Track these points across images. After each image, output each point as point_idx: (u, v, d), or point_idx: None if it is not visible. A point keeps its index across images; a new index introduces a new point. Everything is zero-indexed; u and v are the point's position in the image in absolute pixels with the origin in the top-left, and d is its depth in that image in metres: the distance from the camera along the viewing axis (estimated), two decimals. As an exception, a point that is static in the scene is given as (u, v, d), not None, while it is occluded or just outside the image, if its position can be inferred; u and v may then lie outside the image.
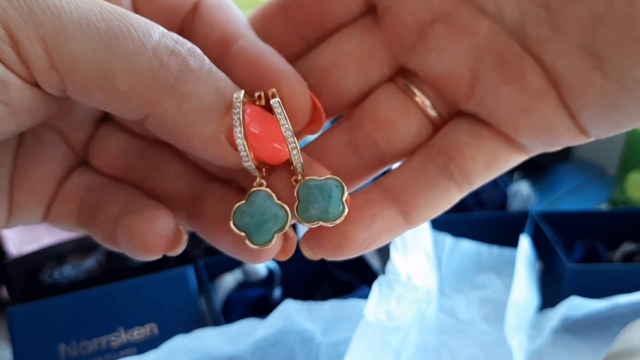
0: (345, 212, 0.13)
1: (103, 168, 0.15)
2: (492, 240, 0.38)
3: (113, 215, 0.13)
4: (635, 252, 0.38)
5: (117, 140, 0.15)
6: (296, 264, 0.36)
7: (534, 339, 0.33)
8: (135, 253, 0.13)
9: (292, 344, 0.29)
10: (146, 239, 0.13)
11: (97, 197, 0.14)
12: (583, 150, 0.57)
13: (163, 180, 0.15)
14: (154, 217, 0.13)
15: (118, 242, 0.13)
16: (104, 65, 0.11)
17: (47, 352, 0.30)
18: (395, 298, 0.28)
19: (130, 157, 0.15)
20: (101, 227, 0.14)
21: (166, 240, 0.13)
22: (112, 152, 0.15)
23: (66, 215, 0.14)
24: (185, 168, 0.15)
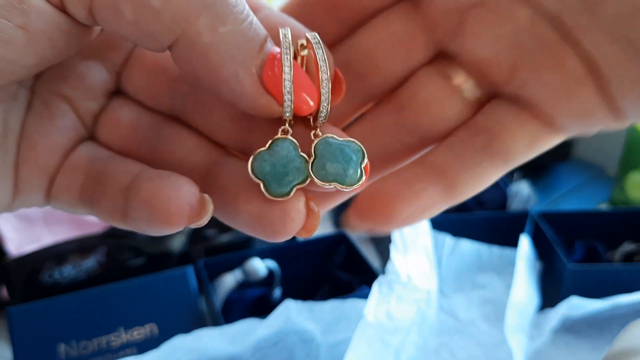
0: (363, 180, 0.12)
1: (112, 141, 0.14)
2: (492, 240, 0.38)
3: (123, 185, 0.12)
4: (635, 252, 0.38)
5: (129, 112, 0.14)
6: (296, 264, 0.36)
7: (534, 339, 0.33)
8: (153, 225, 0.12)
9: (292, 344, 0.29)
10: (169, 207, 0.11)
11: (104, 168, 0.13)
12: (583, 151, 0.57)
13: (176, 152, 0.14)
14: (178, 182, 0.12)
15: (131, 214, 0.12)
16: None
17: (47, 352, 0.30)
18: (395, 298, 0.28)
19: (142, 130, 0.14)
20: (109, 199, 0.13)
21: (191, 208, 0.12)
22: (123, 123, 0.14)
23: (68, 189, 0.13)
24: (200, 141, 0.14)
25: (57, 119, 0.13)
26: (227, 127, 0.13)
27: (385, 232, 0.13)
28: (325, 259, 0.37)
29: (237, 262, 0.34)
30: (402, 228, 0.14)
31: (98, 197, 0.13)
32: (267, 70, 0.11)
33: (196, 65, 0.11)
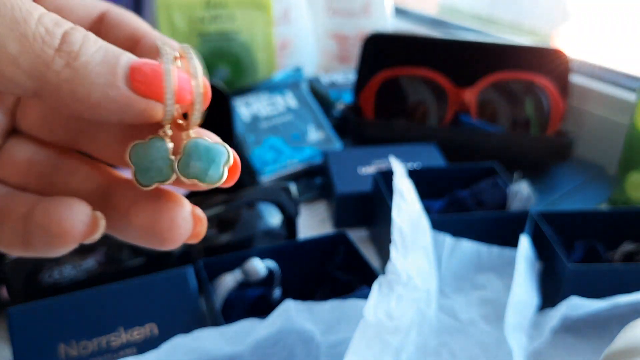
0: (223, 179, 0.13)
1: (10, 178, 0.15)
2: (491, 240, 0.38)
3: (21, 215, 0.13)
4: (635, 252, 0.38)
5: (25, 149, 0.15)
6: (296, 264, 0.36)
7: (533, 339, 0.33)
8: (50, 246, 0.13)
9: (292, 344, 0.29)
10: (63, 226, 0.13)
11: (2, 203, 0.14)
12: (583, 151, 0.57)
13: (71, 182, 0.15)
14: (69, 202, 0.13)
15: (29, 239, 0.13)
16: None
17: (46, 352, 0.30)
18: (395, 298, 0.28)
19: (39, 165, 0.15)
20: (8, 229, 0.14)
21: (83, 225, 0.13)
22: (20, 161, 0.15)
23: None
24: (93, 169, 0.15)
25: None
26: (114, 148, 0.15)
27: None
28: (325, 259, 0.37)
29: (236, 262, 0.34)
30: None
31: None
32: (135, 78, 0.12)
33: (67, 101, 0.12)
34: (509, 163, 0.48)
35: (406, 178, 0.34)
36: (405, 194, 0.32)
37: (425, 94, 0.57)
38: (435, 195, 0.43)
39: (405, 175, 0.34)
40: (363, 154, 0.48)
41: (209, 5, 0.57)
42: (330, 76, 0.66)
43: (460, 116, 0.55)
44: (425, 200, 0.40)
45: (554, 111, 0.54)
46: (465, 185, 0.44)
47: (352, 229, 0.44)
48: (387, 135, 0.53)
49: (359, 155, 0.48)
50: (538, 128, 0.55)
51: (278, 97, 0.55)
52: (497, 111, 0.56)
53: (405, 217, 0.31)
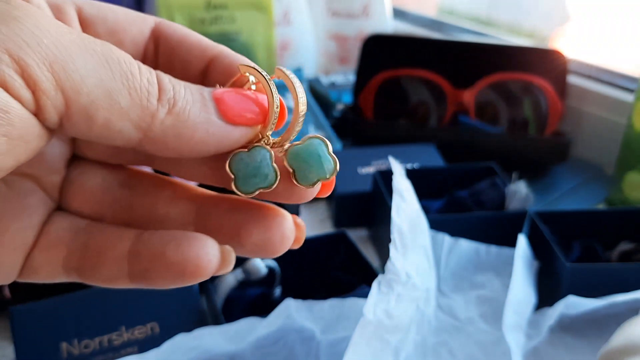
0: (337, 165, 0.14)
1: (83, 208, 0.15)
2: (490, 240, 0.38)
3: (124, 252, 0.13)
4: (632, 252, 0.38)
5: (93, 176, 0.15)
6: (296, 263, 0.36)
7: (531, 338, 0.33)
8: (179, 280, 0.13)
9: (292, 343, 0.29)
10: (200, 265, 0.13)
11: (90, 238, 0.14)
12: (581, 151, 0.58)
13: (159, 203, 0.15)
14: (202, 241, 0.13)
15: (147, 272, 0.13)
16: (106, 83, 0.11)
17: (49, 350, 0.30)
18: (395, 297, 0.28)
19: (112, 191, 0.15)
20: (110, 267, 0.13)
21: (217, 261, 0.13)
22: (92, 188, 0.15)
23: (49, 264, 0.14)
24: (177, 188, 0.15)
25: (26, 198, 0.14)
26: (202, 169, 0.14)
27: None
28: (325, 258, 0.37)
29: (237, 261, 0.34)
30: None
31: (92, 266, 0.14)
32: (224, 109, 0.13)
33: (172, 146, 0.12)
34: (508, 163, 0.48)
35: (405, 178, 0.34)
36: (404, 194, 0.32)
37: (424, 95, 0.57)
38: (434, 195, 0.43)
39: (404, 175, 0.34)
40: (363, 154, 0.49)
41: (210, 6, 0.58)
42: (330, 77, 0.67)
43: (459, 117, 0.55)
44: (424, 200, 0.40)
45: (552, 112, 0.54)
46: (464, 185, 0.44)
47: (352, 229, 0.44)
48: (387, 135, 0.54)
49: (358, 155, 0.49)
50: (536, 128, 0.55)
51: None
52: (496, 112, 0.56)
53: (405, 216, 0.31)
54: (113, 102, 0.12)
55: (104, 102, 0.11)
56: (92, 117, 0.12)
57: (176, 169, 0.15)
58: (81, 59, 0.11)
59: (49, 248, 0.14)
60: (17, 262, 0.14)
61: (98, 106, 0.11)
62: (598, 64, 0.58)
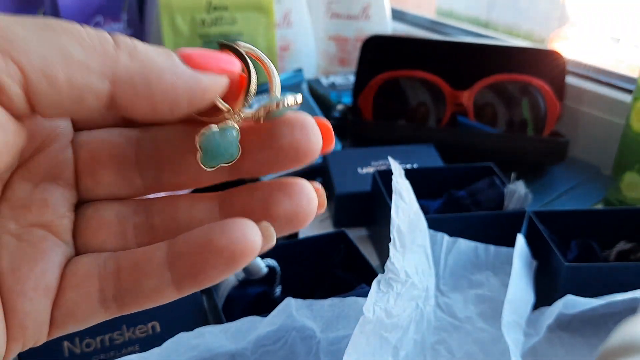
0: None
1: (107, 243, 0.14)
2: (488, 239, 0.39)
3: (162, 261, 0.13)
4: (630, 251, 0.39)
5: (107, 210, 0.15)
6: (296, 262, 0.36)
7: (530, 337, 0.33)
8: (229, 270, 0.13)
9: (293, 341, 0.30)
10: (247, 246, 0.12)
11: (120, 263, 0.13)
12: (579, 151, 0.58)
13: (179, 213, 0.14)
14: (241, 222, 0.13)
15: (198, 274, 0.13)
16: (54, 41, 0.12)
17: (51, 349, 0.30)
18: (394, 296, 0.28)
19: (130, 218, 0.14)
20: (152, 279, 0.13)
21: (260, 238, 0.13)
22: (110, 221, 0.14)
23: (84, 299, 0.13)
24: (191, 197, 0.15)
25: (39, 244, 0.13)
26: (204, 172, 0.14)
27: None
28: (325, 257, 0.37)
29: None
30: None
31: (131, 286, 0.13)
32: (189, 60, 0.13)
33: (142, 92, 0.12)
34: (506, 163, 0.48)
35: (404, 178, 0.34)
36: (403, 193, 0.32)
37: (423, 96, 0.58)
38: (433, 195, 0.44)
39: (403, 175, 0.34)
40: (362, 155, 0.49)
41: (211, 8, 0.58)
42: (330, 78, 0.67)
43: (458, 117, 0.55)
44: (423, 200, 0.40)
45: (550, 112, 0.54)
46: (463, 185, 0.44)
47: (352, 229, 0.45)
48: (386, 136, 0.54)
49: (358, 155, 0.49)
50: (534, 129, 0.56)
51: (278, 99, 0.56)
52: (494, 112, 0.57)
53: (404, 216, 0.31)
54: (67, 56, 0.11)
55: (57, 58, 0.11)
56: (52, 76, 0.11)
57: (185, 175, 0.15)
58: (20, 26, 0.11)
59: (79, 284, 0.13)
60: (44, 308, 0.13)
61: (53, 63, 0.11)
62: (596, 64, 0.58)
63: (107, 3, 0.59)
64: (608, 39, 0.64)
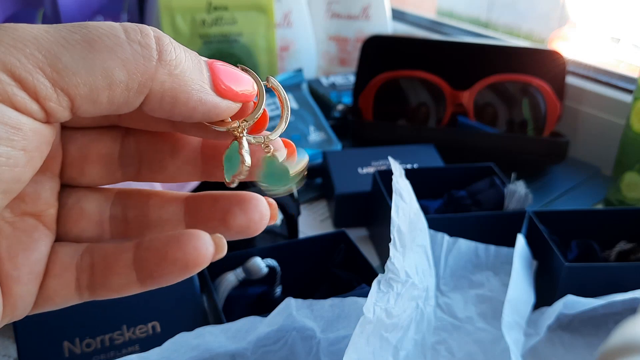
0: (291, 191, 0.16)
1: (85, 232, 0.16)
2: (488, 239, 0.39)
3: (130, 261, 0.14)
4: (630, 252, 0.39)
5: (89, 201, 0.16)
6: (297, 262, 0.36)
7: (530, 337, 0.33)
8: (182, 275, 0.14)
9: (293, 341, 0.30)
10: (198, 257, 0.14)
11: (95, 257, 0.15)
12: (579, 151, 0.58)
13: (150, 211, 0.16)
14: (197, 235, 0.14)
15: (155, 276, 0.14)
16: (98, 66, 0.12)
17: (51, 349, 0.30)
18: (394, 296, 0.28)
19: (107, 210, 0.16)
20: (120, 276, 0.15)
21: (212, 251, 0.14)
22: (90, 212, 0.16)
23: (63, 288, 0.15)
24: (162, 195, 0.16)
25: (32, 234, 0.15)
26: (188, 169, 0.16)
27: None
28: (325, 257, 0.37)
29: (238, 260, 0.35)
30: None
31: (102, 281, 0.15)
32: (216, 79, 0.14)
33: (168, 105, 0.13)
34: (506, 163, 0.48)
35: (405, 178, 0.34)
36: (404, 193, 0.32)
37: (423, 96, 0.58)
38: (433, 195, 0.44)
39: (403, 175, 0.34)
40: (362, 155, 0.49)
41: (211, 8, 0.58)
42: (330, 78, 0.67)
43: (458, 117, 0.55)
44: (424, 200, 0.40)
45: (551, 112, 0.54)
46: (463, 185, 0.44)
47: (352, 229, 0.45)
48: (386, 136, 0.54)
49: (358, 155, 0.49)
50: (535, 129, 0.56)
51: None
52: (495, 113, 0.57)
53: (404, 216, 0.31)
54: (111, 81, 0.12)
55: (102, 84, 0.12)
56: (96, 99, 0.12)
57: (162, 174, 0.16)
58: (66, 54, 0.12)
59: (60, 274, 0.15)
60: (33, 292, 0.15)
61: (98, 89, 0.12)
62: (596, 64, 0.58)
63: (107, 3, 0.59)
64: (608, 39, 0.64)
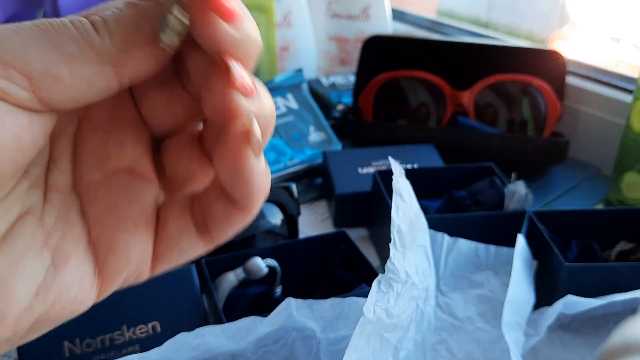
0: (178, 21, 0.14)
1: (186, 172, 0.15)
2: (489, 239, 0.39)
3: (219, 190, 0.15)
4: (630, 252, 0.39)
5: (179, 138, 0.16)
6: (297, 262, 0.36)
7: (530, 337, 0.33)
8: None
9: (293, 341, 0.30)
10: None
11: (202, 201, 0.15)
12: (579, 151, 0.58)
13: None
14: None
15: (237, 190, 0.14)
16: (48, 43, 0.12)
17: (51, 349, 0.30)
18: (394, 296, 0.28)
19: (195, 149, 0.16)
20: (216, 204, 0.15)
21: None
22: (183, 148, 0.15)
23: (185, 230, 0.15)
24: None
25: (130, 188, 0.15)
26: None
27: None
28: (325, 257, 0.37)
29: (238, 260, 0.35)
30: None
31: (209, 211, 0.15)
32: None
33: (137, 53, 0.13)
34: (506, 163, 0.48)
35: (405, 178, 0.34)
36: (404, 193, 0.32)
37: (423, 96, 0.58)
38: (433, 195, 0.44)
39: (404, 175, 0.34)
40: (362, 155, 0.49)
41: (210, 8, 0.58)
42: (330, 78, 0.67)
43: (458, 117, 0.55)
44: (424, 200, 0.40)
45: (551, 112, 0.54)
46: (463, 186, 0.44)
47: (352, 229, 0.45)
48: (386, 136, 0.54)
49: (358, 155, 0.49)
50: (535, 129, 0.56)
51: (279, 99, 0.56)
52: (495, 113, 0.57)
53: (404, 216, 0.31)
54: (65, 54, 0.12)
55: (56, 58, 0.12)
56: (56, 75, 0.12)
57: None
58: (15, 35, 0.12)
59: (178, 218, 0.15)
60: (147, 241, 0.15)
61: (54, 63, 0.12)
62: (596, 64, 0.58)
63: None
64: (608, 39, 0.64)
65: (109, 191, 0.15)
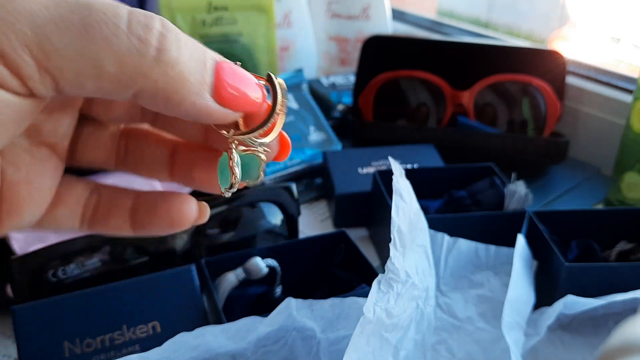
0: (260, 179, 0.16)
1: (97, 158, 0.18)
2: (489, 239, 0.39)
3: (128, 208, 0.17)
4: (630, 252, 0.39)
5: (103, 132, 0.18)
6: (297, 262, 0.36)
7: (530, 337, 0.33)
8: (168, 230, 0.17)
9: (293, 341, 0.30)
10: (183, 217, 0.16)
11: (101, 197, 0.17)
12: (579, 151, 0.58)
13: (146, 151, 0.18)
14: (185, 198, 0.17)
15: (145, 226, 0.17)
16: (89, 54, 0.12)
17: (51, 349, 0.30)
18: (394, 296, 0.28)
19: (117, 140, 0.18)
20: (117, 219, 0.17)
21: (196, 214, 0.17)
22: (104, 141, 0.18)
23: (71, 216, 0.17)
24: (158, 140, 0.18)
25: (47, 161, 0.16)
26: (192, 133, 0.17)
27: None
28: (325, 257, 0.37)
29: (238, 260, 0.35)
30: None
31: (103, 219, 0.17)
32: (219, 86, 0.14)
33: (160, 105, 0.13)
34: (506, 163, 0.48)
35: (405, 178, 0.34)
36: (404, 193, 0.32)
37: (423, 96, 0.58)
38: (433, 195, 0.44)
39: (404, 175, 0.34)
40: (362, 155, 0.49)
41: (211, 8, 0.58)
42: (330, 78, 0.67)
43: (458, 117, 0.55)
44: (424, 200, 0.40)
45: (551, 112, 0.54)
46: (463, 186, 0.44)
47: (352, 229, 0.45)
48: (386, 136, 0.54)
49: (358, 155, 0.49)
50: (535, 129, 0.56)
51: (278, 99, 0.56)
52: (495, 113, 0.57)
53: (404, 216, 0.31)
54: (100, 71, 0.12)
55: (90, 72, 0.12)
56: (82, 85, 0.12)
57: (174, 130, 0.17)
58: (58, 35, 0.11)
59: (71, 204, 0.17)
60: (40, 213, 0.16)
61: (85, 76, 0.12)
62: (596, 64, 0.58)
63: (108, 3, 0.59)
64: (608, 39, 0.64)
65: (29, 160, 0.15)
